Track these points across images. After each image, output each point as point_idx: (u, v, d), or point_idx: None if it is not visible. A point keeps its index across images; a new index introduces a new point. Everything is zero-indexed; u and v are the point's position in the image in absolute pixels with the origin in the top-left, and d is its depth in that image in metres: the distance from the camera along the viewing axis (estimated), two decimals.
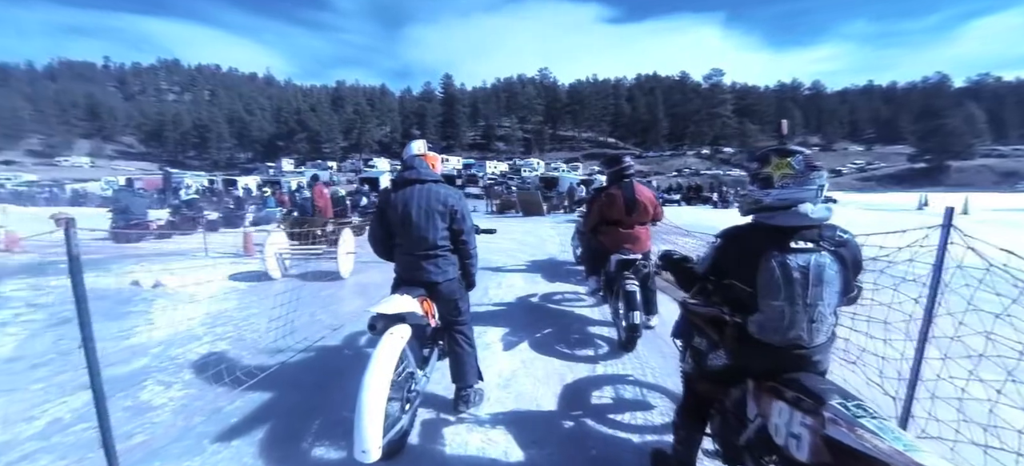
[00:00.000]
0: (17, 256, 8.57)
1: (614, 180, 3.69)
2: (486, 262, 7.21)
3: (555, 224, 14.21)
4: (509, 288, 5.54)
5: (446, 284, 2.41)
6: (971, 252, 2.07)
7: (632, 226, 3.61)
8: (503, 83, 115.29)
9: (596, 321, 4.19)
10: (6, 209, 12.22)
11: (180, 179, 36.88)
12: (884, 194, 48.07)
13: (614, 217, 3.60)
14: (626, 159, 3.68)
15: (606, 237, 3.67)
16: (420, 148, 2.52)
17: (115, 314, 4.54)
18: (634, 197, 3.56)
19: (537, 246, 9.20)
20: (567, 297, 5.09)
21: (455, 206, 2.39)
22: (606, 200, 3.61)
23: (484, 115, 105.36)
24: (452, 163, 69.67)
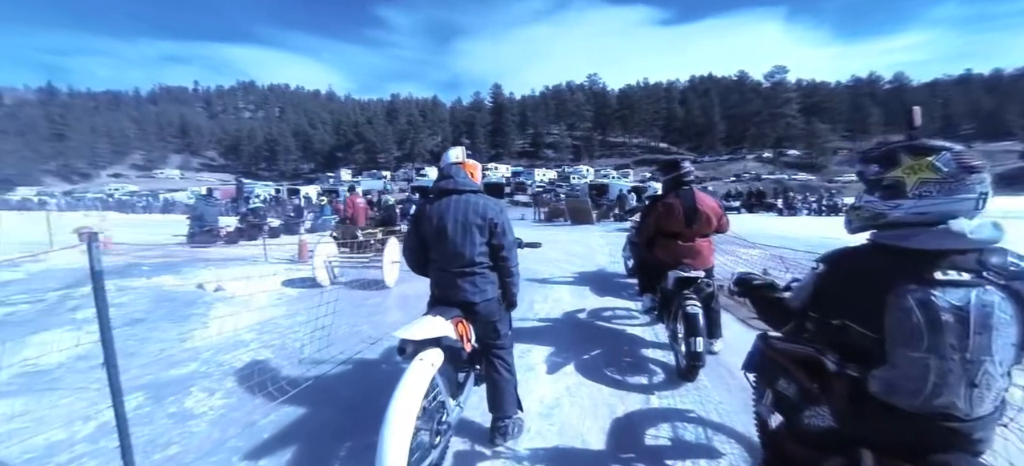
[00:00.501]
0: (112, 258, 9.50)
1: (671, 187, 3.32)
2: (532, 273, 6.96)
3: (605, 233, 13.69)
4: (556, 302, 5.25)
5: (484, 304, 2.19)
6: None
7: (693, 239, 3.21)
8: (551, 90, 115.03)
9: (650, 343, 3.80)
10: (105, 215, 13.63)
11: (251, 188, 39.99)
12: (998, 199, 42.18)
13: (672, 229, 3.23)
14: (684, 164, 3.29)
15: (663, 251, 3.30)
16: (458, 155, 2.31)
17: (178, 316, 4.77)
18: (695, 206, 3.17)
19: (586, 257, 8.83)
20: (618, 314, 4.72)
21: (495, 219, 2.17)
22: (663, 210, 3.25)
23: (533, 123, 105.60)
24: (501, 171, 70.34)
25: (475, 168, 2.34)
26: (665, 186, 3.40)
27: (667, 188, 3.36)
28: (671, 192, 3.29)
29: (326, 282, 6.30)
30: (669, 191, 3.32)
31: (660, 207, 3.28)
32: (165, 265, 8.22)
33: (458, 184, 2.20)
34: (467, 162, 2.30)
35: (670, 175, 3.33)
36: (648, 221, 3.38)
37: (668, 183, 3.35)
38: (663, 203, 3.27)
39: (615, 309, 4.88)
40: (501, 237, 2.18)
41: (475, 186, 2.25)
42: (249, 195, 31.06)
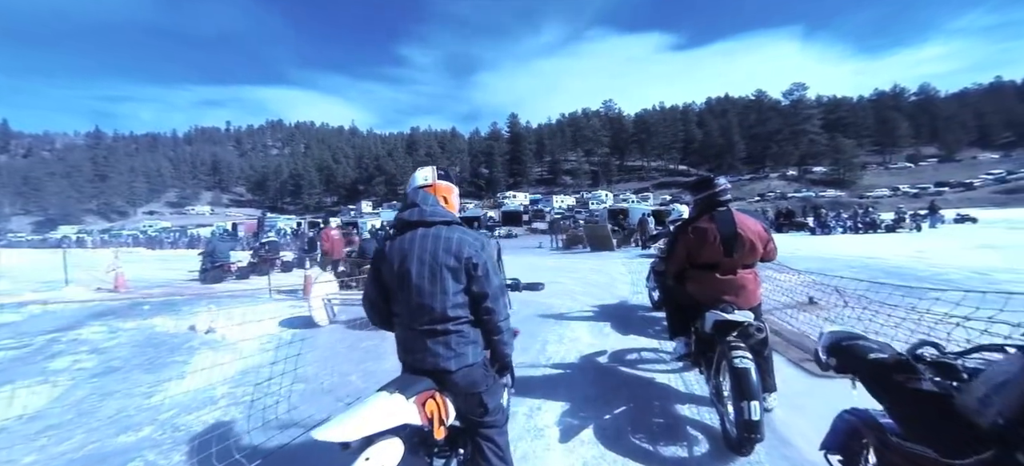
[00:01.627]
0: (121, 296, 9.35)
1: (704, 208, 2.74)
2: (547, 308, 6.38)
3: (626, 260, 12.97)
4: (572, 343, 4.64)
5: (463, 372, 1.63)
6: None
7: (734, 270, 2.61)
8: (567, 118, 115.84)
9: (685, 396, 3.15)
10: (118, 252, 13.74)
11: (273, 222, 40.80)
12: None
13: (707, 259, 2.64)
14: (719, 180, 2.72)
15: (697, 286, 2.71)
16: (426, 177, 1.79)
17: (157, 364, 4.37)
18: (735, 231, 2.58)
19: (606, 287, 8.18)
20: (644, 357, 4.07)
21: (474, 258, 1.62)
22: (694, 236, 2.67)
23: (550, 150, 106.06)
24: (519, 199, 70.35)
25: (449, 192, 1.81)
26: (696, 207, 2.83)
27: (699, 209, 2.79)
28: (704, 214, 2.71)
29: (324, 321, 5.85)
30: (701, 213, 2.74)
31: (691, 233, 2.69)
32: (168, 304, 7.97)
33: (425, 214, 1.66)
34: (438, 185, 1.78)
35: (702, 194, 2.76)
36: (677, 250, 2.79)
37: (700, 203, 2.78)
38: (694, 228, 2.69)
39: (641, 351, 4.23)
40: (483, 282, 1.63)
41: (448, 216, 1.71)
42: (271, 228, 31.55)
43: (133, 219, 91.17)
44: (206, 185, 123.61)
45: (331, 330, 5.65)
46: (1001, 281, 7.29)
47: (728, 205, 2.69)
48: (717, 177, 2.73)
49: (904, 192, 60.94)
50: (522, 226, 42.78)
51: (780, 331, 4.42)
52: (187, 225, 61.36)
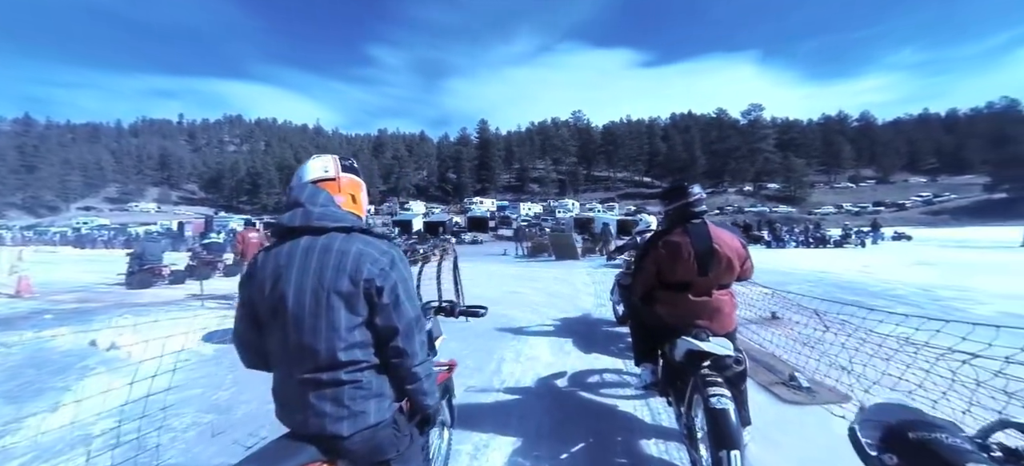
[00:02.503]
0: (22, 302, 8.18)
1: (677, 220, 2.43)
2: (507, 321, 5.98)
3: (591, 270, 12.81)
4: (530, 362, 4.25)
5: (362, 438, 1.16)
6: None
7: (708, 291, 2.31)
8: (537, 126, 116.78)
9: (651, 429, 2.82)
10: (23, 252, 12.25)
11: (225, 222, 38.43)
12: (962, 229, 43.48)
13: (679, 277, 2.32)
14: (693, 189, 2.41)
15: (667, 308, 2.38)
16: (319, 169, 1.30)
17: (29, 390, 3.63)
18: (710, 246, 2.28)
19: (570, 298, 7.88)
20: (607, 379, 3.74)
21: (378, 279, 1.16)
22: (666, 251, 2.35)
23: (519, 158, 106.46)
24: (487, 205, 69.92)
25: (357, 189, 1.35)
26: (668, 219, 2.51)
27: (671, 221, 2.47)
28: (676, 227, 2.40)
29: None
30: (673, 225, 2.43)
31: (662, 248, 2.37)
32: (77, 313, 6.99)
33: (311, 216, 1.19)
34: (342, 179, 1.31)
35: (674, 204, 2.45)
36: (646, 266, 2.46)
37: (672, 214, 2.46)
38: (666, 242, 2.36)
39: (603, 372, 3.89)
40: (391, 313, 1.17)
41: (347, 220, 1.23)
42: (220, 229, 29.58)
43: (65, 215, 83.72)
44: (153, 181, 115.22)
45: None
46: (943, 297, 7.53)
47: (703, 217, 2.39)
48: (691, 185, 2.42)
49: (847, 210, 65.32)
50: (488, 232, 42.39)
51: (747, 350, 4.21)
52: (129, 223, 56.75)
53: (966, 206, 65.73)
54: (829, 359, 3.44)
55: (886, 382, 2.55)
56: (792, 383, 3.39)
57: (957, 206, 66.33)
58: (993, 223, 46.33)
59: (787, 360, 3.83)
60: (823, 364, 3.50)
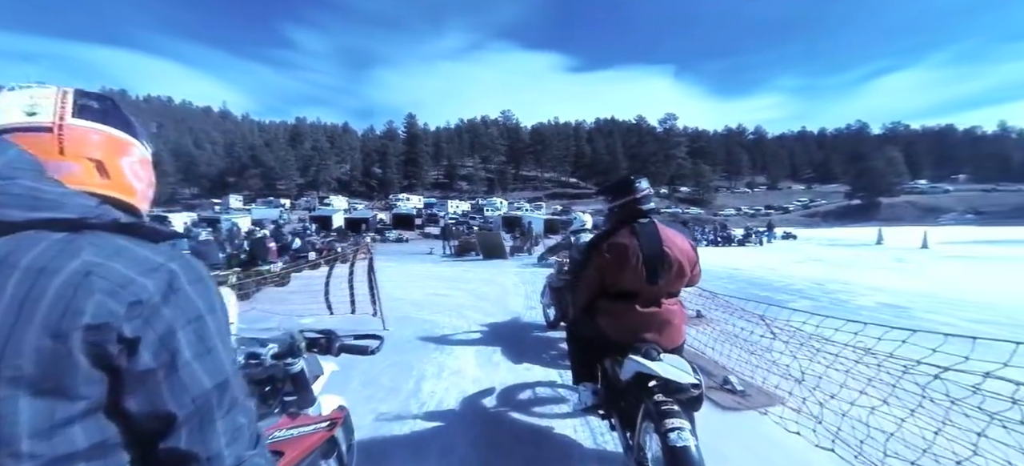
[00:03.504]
0: None
1: (623, 220, 2.11)
2: (430, 329, 5.44)
3: (519, 270, 12.60)
4: (454, 377, 3.77)
5: None
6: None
7: (658, 301, 2.02)
8: (466, 124, 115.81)
9: (592, 454, 2.50)
10: None
11: None
12: (830, 229, 50.57)
13: (626, 285, 2.01)
14: (641, 184, 2.11)
15: (611, 320, 2.06)
16: (20, 107, 0.66)
17: None
18: (660, 250, 1.99)
19: (498, 301, 7.50)
20: (540, 394, 3.38)
21: (122, 323, 0.56)
22: (612, 256, 2.02)
23: (447, 154, 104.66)
24: (413, 202, 67.67)
25: (109, 149, 0.71)
26: (612, 217, 2.19)
27: (616, 220, 2.15)
28: (623, 227, 2.08)
29: None
30: (619, 226, 2.11)
31: (607, 251, 2.04)
32: None
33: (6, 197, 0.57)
34: (70, 130, 0.68)
35: (620, 201, 2.13)
36: (588, 274, 2.11)
37: (617, 213, 2.14)
38: (611, 245, 2.03)
39: (536, 386, 3.54)
40: (158, 387, 0.59)
41: (70, 206, 0.59)
42: None
43: None
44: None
45: None
46: (833, 290, 8.34)
47: (652, 216, 2.10)
48: (638, 179, 2.12)
49: (745, 212, 73.28)
50: (415, 230, 40.90)
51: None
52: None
53: (833, 210, 76.96)
54: (767, 360, 3.40)
55: (845, 396, 2.46)
56: (726, 386, 3.30)
57: (826, 210, 77.36)
58: (852, 224, 55.62)
59: (719, 362, 3.77)
60: (753, 362, 3.47)
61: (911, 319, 5.81)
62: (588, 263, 2.09)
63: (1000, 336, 1.91)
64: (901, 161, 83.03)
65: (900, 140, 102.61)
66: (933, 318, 5.86)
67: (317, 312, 6.03)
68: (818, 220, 68.56)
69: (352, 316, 5.73)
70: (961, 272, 10.70)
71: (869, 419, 2.39)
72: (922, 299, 7.18)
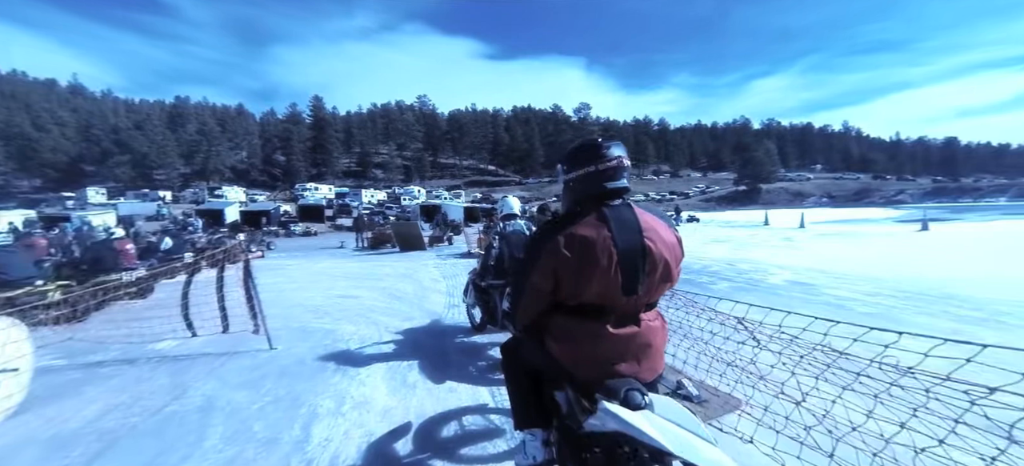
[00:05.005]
0: None
1: (585, 201, 1.48)
2: (331, 340, 4.47)
3: (439, 262, 11.74)
4: (358, 412, 2.93)
5: None
6: None
7: (636, 316, 1.42)
8: (380, 109, 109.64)
9: None
10: None
11: None
12: (724, 212, 56.53)
13: (593, 296, 1.38)
14: (612, 149, 1.45)
15: (570, 346, 1.43)
16: None
17: None
18: (641, 243, 1.39)
19: (416, 300, 6.64)
20: (469, 427, 2.70)
21: None
22: (573, 253, 1.37)
23: (359, 141, 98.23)
24: (322, 192, 62.48)
25: None
26: (571, 197, 1.54)
27: (573, 202, 1.51)
28: (587, 213, 1.43)
29: None
30: (579, 211, 1.46)
31: (564, 247, 1.38)
32: None
33: None
34: None
35: (581, 171, 1.47)
36: (533, 279, 1.44)
37: (578, 190, 1.49)
38: (571, 237, 1.37)
39: (464, 415, 2.85)
40: None
41: None
42: None
43: None
44: None
45: None
46: (745, 270, 8.77)
47: (627, 196, 1.49)
48: (608, 142, 1.48)
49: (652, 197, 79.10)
50: (325, 222, 37.65)
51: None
52: None
53: (725, 195, 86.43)
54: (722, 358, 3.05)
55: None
56: (680, 391, 2.90)
57: (720, 195, 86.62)
58: (740, 208, 63.50)
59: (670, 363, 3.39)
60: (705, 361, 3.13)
61: (820, 295, 6.13)
62: (534, 263, 1.42)
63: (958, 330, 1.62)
64: (776, 152, 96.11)
65: (774, 134, 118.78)
66: (837, 293, 6.23)
67: (179, 333, 4.70)
68: (713, 204, 76.43)
69: (224, 336, 4.52)
70: (838, 248, 12.06)
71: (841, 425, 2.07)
72: (821, 275, 7.75)
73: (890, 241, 13.57)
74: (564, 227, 1.40)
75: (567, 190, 1.55)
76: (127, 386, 3.57)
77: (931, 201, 64.63)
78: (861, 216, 31.61)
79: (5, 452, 2.65)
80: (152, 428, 2.83)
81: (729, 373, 2.78)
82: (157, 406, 3.15)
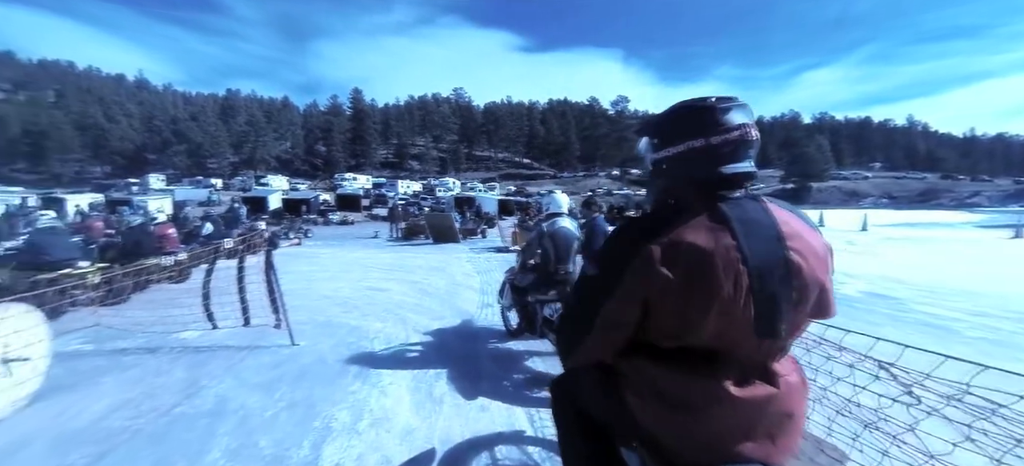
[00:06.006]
0: None
1: (693, 191, 0.98)
2: (356, 338, 4.16)
3: (473, 255, 11.41)
4: (376, 429, 2.56)
5: None
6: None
7: (769, 374, 0.93)
8: (417, 101, 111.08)
9: None
10: None
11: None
12: None
13: (706, 337, 0.89)
14: (733, 114, 0.94)
15: (661, 412, 0.95)
16: None
17: None
18: (784, 255, 0.89)
19: (447, 296, 6.29)
20: (503, 460, 2.27)
21: None
22: (675, 267, 0.86)
23: (397, 132, 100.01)
24: (361, 182, 64.01)
25: None
26: (660, 186, 1.05)
27: (666, 193, 1.03)
28: (697, 210, 0.93)
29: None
30: (684, 206, 0.96)
31: (662, 257, 0.88)
32: None
33: None
34: None
35: (685, 145, 0.95)
36: (608, 306, 0.95)
37: (673, 174, 1.00)
38: (676, 246, 0.88)
39: (496, 445, 2.41)
40: None
41: None
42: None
43: None
44: None
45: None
46: None
47: (748, 188, 0.98)
48: (727, 103, 0.97)
49: None
50: (361, 211, 38.42)
51: None
52: None
53: (771, 193, 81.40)
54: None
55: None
56: None
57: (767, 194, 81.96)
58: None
59: None
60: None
61: (910, 312, 5.28)
62: (612, 284, 0.93)
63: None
64: (828, 149, 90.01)
65: (826, 129, 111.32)
66: (930, 310, 5.37)
67: (203, 322, 4.54)
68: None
69: (245, 329, 4.31)
70: (912, 255, 10.80)
71: None
72: (899, 286, 6.81)
73: (976, 249, 12.05)
74: (660, 231, 0.91)
75: (657, 174, 1.06)
76: (143, 378, 3.39)
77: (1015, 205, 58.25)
78: (930, 220, 28.86)
79: (5, 448, 2.47)
80: (156, 433, 2.58)
81: (869, 438, 1.84)
82: (167, 406, 2.92)
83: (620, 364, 1.03)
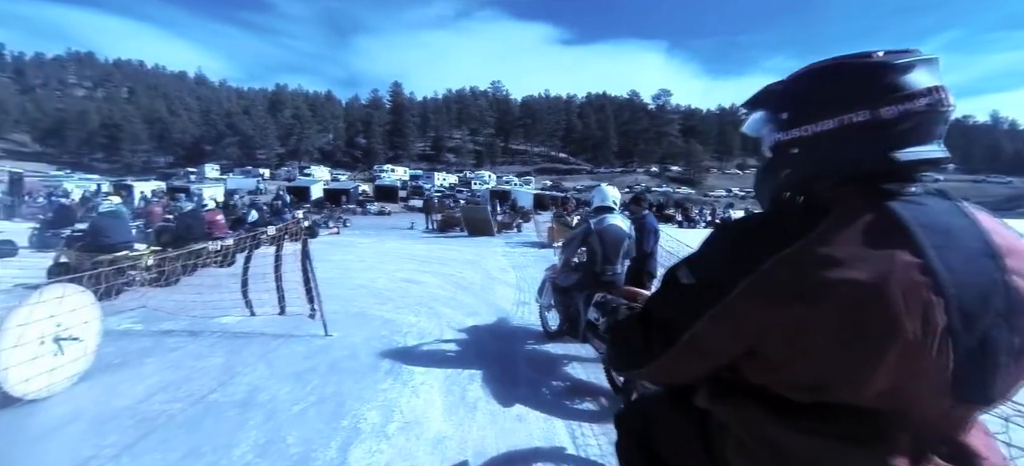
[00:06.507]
0: None
1: (854, 184, 0.67)
2: (389, 332, 4.05)
3: (508, 250, 11.23)
4: (406, 434, 2.41)
5: None
6: None
7: (958, 438, 0.65)
8: (454, 94, 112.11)
9: None
10: None
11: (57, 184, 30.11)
12: None
13: (877, 391, 0.62)
14: (916, 74, 0.62)
15: None
16: None
17: None
18: (1002, 278, 0.59)
19: (482, 291, 6.13)
20: None
21: None
22: (824, 300, 0.58)
23: (434, 126, 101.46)
24: (398, 174, 65.40)
25: None
26: (793, 176, 0.76)
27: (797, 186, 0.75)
28: (857, 212, 0.63)
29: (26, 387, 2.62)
30: (824, 207, 0.66)
31: (797, 283, 0.61)
32: None
33: None
34: None
35: (839, 118, 0.65)
36: (697, 328, 0.69)
37: (815, 160, 0.70)
38: (818, 260, 0.60)
39: (536, 463, 2.19)
40: None
41: None
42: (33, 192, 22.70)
43: None
44: None
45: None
46: None
47: (927, 184, 0.69)
48: (904, 58, 0.67)
49: (735, 194, 72.67)
50: (398, 203, 39.18)
51: None
52: None
53: None
54: None
55: None
56: None
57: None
58: None
59: None
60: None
61: None
62: (715, 297, 0.66)
63: None
64: None
65: None
66: None
67: (244, 308, 4.59)
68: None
69: (281, 317, 4.30)
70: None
71: None
72: None
73: None
74: (789, 239, 0.64)
75: (781, 162, 0.78)
76: (184, 362, 3.42)
77: None
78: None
79: (54, 424, 2.50)
80: (189, 420, 2.54)
81: None
82: (202, 392, 2.89)
83: (720, 410, 0.77)
